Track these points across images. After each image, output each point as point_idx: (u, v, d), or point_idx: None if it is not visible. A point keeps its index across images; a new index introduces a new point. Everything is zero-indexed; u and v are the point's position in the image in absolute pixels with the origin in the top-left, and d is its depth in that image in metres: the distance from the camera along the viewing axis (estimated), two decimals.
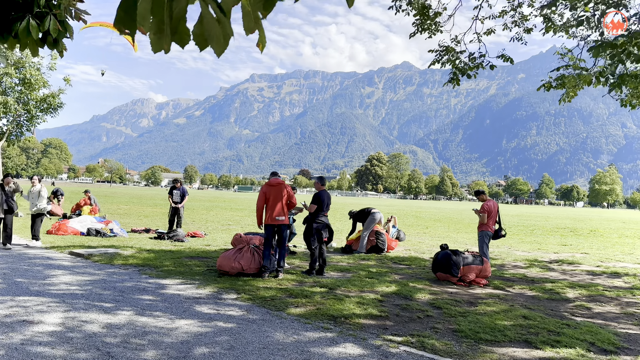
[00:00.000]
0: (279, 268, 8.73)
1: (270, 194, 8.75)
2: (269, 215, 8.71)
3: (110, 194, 53.97)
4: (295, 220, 10.80)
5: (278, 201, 8.68)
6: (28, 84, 24.31)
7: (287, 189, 8.80)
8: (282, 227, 8.79)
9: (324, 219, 9.18)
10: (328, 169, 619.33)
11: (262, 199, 8.85)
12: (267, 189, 8.80)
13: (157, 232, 14.67)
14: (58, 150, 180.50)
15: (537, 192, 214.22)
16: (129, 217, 21.50)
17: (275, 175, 9.23)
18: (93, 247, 11.44)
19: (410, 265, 10.78)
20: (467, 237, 18.87)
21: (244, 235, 12.04)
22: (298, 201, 9.05)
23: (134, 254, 10.63)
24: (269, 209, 8.75)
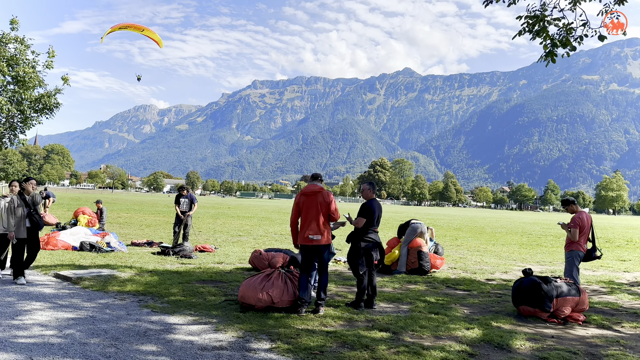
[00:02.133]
0: (319, 301, 6.81)
1: (304, 205, 6.91)
2: (303, 233, 6.89)
3: (112, 201, 52.15)
4: (334, 236, 9.11)
5: (314, 215, 6.82)
6: (22, 83, 22.46)
7: (327, 198, 6.93)
8: (321, 248, 6.90)
9: (375, 236, 7.27)
10: (330, 175, 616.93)
11: (295, 212, 7.08)
12: (301, 198, 6.99)
13: (160, 245, 12.77)
14: (60, 157, 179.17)
15: (542, 199, 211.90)
16: (129, 227, 19.64)
17: (314, 180, 7.23)
18: (84, 266, 9.55)
19: (469, 291, 8.87)
20: (509, 251, 16.95)
21: (264, 253, 10.15)
22: (341, 211, 7.15)
23: (133, 276, 8.73)
24: (303, 224, 6.91)
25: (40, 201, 8.58)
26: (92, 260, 10.46)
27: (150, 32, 15.91)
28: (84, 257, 11.01)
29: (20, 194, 8.27)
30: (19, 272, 8.01)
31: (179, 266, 10.34)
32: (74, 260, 10.41)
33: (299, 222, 7.01)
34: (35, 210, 8.36)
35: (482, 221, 42.87)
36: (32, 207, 8.28)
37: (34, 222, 8.28)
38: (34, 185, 8.49)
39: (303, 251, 6.94)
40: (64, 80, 24.12)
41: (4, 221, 7.95)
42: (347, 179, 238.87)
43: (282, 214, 38.22)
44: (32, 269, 9.13)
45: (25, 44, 22.96)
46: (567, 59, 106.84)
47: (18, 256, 8.04)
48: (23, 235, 8.08)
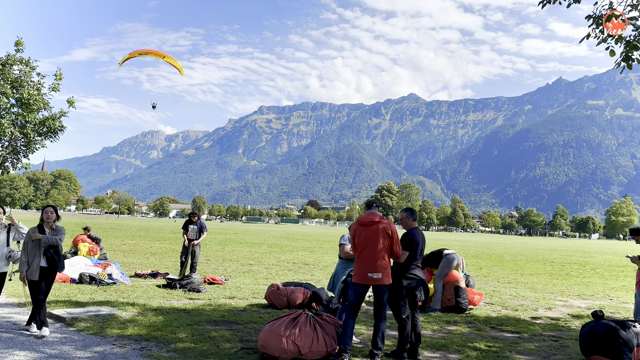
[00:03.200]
0: (375, 350, 5.82)
1: (361, 237, 5.96)
2: (358, 270, 5.93)
3: (117, 227, 51.25)
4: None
5: (374, 248, 5.84)
6: (26, 105, 21.80)
7: (389, 229, 5.94)
8: (381, 289, 5.92)
9: (418, 273, 6.25)
10: (336, 199, 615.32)
11: (352, 242, 6.18)
12: (357, 229, 6.05)
13: (166, 278, 11.71)
14: (67, 182, 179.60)
15: (552, 224, 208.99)
16: (133, 256, 18.61)
17: (370, 209, 6.29)
18: (82, 303, 8.52)
19: (518, 333, 7.75)
20: (541, 282, 15.74)
21: (282, 287, 9.08)
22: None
23: (135, 316, 7.69)
24: (359, 259, 5.96)
25: (61, 238, 6.80)
26: (91, 295, 9.42)
27: (172, 60, 15.58)
28: (83, 291, 9.98)
29: (40, 226, 6.77)
30: (30, 318, 6.81)
31: (186, 302, 9.28)
32: (70, 295, 9.37)
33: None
34: (54, 247, 6.74)
35: (497, 247, 41.50)
36: (50, 242, 6.66)
37: (50, 261, 6.71)
38: (49, 215, 6.80)
39: (356, 290, 5.92)
40: (70, 103, 23.44)
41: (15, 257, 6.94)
42: (354, 204, 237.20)
43: (291, 240, 37.10)
44: (22, 305, 8.12)
45: (31, 65, 22.40)
46: (572, 83, 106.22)
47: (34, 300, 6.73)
48: (34, 277, 6.56)
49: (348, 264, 6.79)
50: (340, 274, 6.87)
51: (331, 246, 30.66)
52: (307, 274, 15.03)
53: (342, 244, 6.96)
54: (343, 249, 6.93)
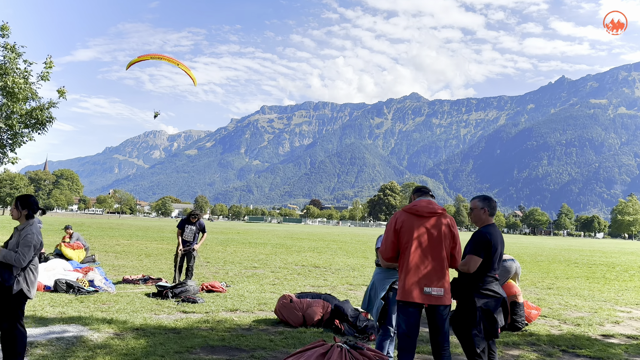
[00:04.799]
0: None
1: (413, 233, 4.18)
2: (409, 283, 4.12)
3: (116, 226, 49.62)
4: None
5: (434, 253, 4.15)
6: (10, 94, 20.10)
7: (454, 228, 4.31)
8: (441, 311, 4.17)
9: (497, 289, 4.48)
10: (338, 199, 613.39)
11: (391, 242, 4.29)
12: (408, 222, 4.23)
13: (157, 285, 10.00)
14: (69, 182, 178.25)
15: (556, 223, 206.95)
16: (125, 257, 16.92)
17: (423, 195, 4.50)
18: (46, 320, 6.82)
19: (600, 359, 6.04)
20: (582, 287, 14.01)
21: (296, 300, 7.36)
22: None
23: (109, 339, 5.99)
24: (411, 268, 4.14)
25: (22, 253, 4.70)
26: (63, 308, 7.72)
27: (186, 68, 14.35)
28: (55, 302, 8.29)
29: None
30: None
31: (178, 317, 7.59)
32: (37, 308, 7.68)
33: (400, 262, 4.33)
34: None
35: (510, 247, 39.71)
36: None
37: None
38: (12, 211, 5.05)
39: (408, 314, 4.15)
40: (60, 94, 21.74)
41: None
42: (357, 203, 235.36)
43: (296, 239, 35.40)
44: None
45: (17, 52, 20.72)
46: (574, 82, 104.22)
47: None
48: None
49: (389, 274, 5.06)
50: (379, 287, 5.11)
51: (339, 246, 28.96)
52: (319, 278, 13.33)
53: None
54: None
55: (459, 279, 4.45)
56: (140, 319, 7.24)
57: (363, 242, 35.76)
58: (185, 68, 14.77)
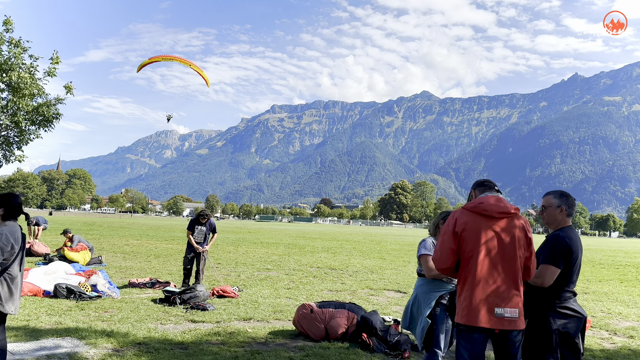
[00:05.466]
0: None
1: (479, 239, 3.36)
2: (476, 302, 3.30)
3: (127, 225, 49.23)
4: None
5: (505, 263, 3.34)
6: (16, 90, 19.54)
7: (529, 231, 3.47)
8: (513, 337, 3.33)
9: (577, 307, 3.70)
10: (348, 198, 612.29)
11: (450, 249, 3.43)
12: (472, 222, 3.41)
13: (165, 290, 9.28)
14: (82, 181, 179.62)
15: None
16: (134, 259, 16.27)
17: (487, 189, 3.72)
18: (40, 332, 6.13)
19: None
20: (619, 292, 13.07)
21: (317, 310, 6.58)
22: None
23: (107, 356, 5.26)
24: (476, 282, 3.32)
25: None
26: (60, 317, 7.02)
27: (198, 69, 13.87)
28: (53, 309, 7.60)
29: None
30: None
31: (186, 327, 6.85)
32: (32, 317, 6.99)
33: (460, 273, 3.48)
34: None
35: None
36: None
37: None
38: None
39: (472, 341, 3.29)
40: (67, 89, 21.19)
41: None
42: (368, 202, 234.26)
43: (308, 239, 34.65)
44: None
45: (22, 46, 20.17)
46: (588, 80, 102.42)
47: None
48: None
49: (435, 286, 4.24)
50: (424, 302, 4.28)
51: (353, 246, 28.15)
52: (337, 281, 12.54)
53: (426, 254, 4.32)
54: (429, 262, 4.26)
55: (528, 295, 3.61)
56: (144, 330, 6.51)
57: (377, 242, 34.90)
58: (198, 69, 14.33)
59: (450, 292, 4.23)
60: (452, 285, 4.21)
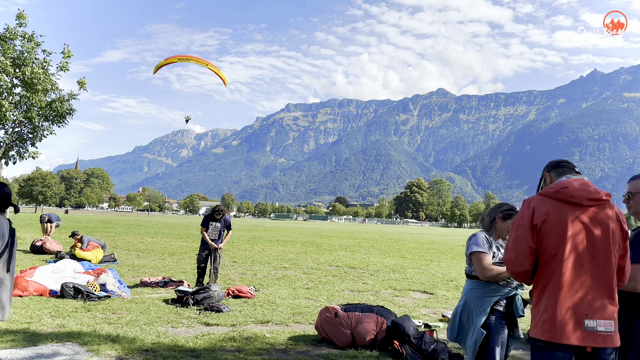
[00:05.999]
0: None
1: (565, 232, 2.70)
2: (557, 311, 2.64)
3: (143, 223, 49.16)
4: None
5: (595, 263, 2.69)
6: (29, 85, 19.26)
7: (624, 222, 2.82)
8: (606, 356, 2.64)
9: None
10: (363, 196, 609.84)
11: (528, 247, 2.75)
12: (556, 212, 2.74)
13: (177, 290, 8.75)
14: (100, 180, 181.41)
15: None
16: (148, 256, 15.84)
17: (567, 170, 3.06)
18: (40, 336, 5.62)
19: None
20: None
21: (342, 313, 5.96)
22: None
23: None
24: (559, 286, 2.66)
25: None
26: (63, 320, 6.51)
27: (215, 68, 13.41)
28: (58, 310, 7.10)
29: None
30: None
31: (199, 332, 6.29)
32: (33, 318, 6.50)
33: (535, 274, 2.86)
34: None
35: None
36: None
37: None
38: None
39: (554, 358, 2.65)
40: (80, 85, 20.88)
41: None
42: (383, 200, 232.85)
43: (324, 237, 34.05)
44: None
45: (35, 41, 19.87)
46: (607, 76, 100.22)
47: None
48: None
49: (490, 291, 3.54)
50: (476, 310, 3.58)
51: (371, 245, 27.47)
52: (358, 281, 11.91)
53: (479, 251, 3.57)
54: (482, 261, 3.53)
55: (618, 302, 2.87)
56: (153, 334, 5.96)
57: (395, 240, 34.16)
58: (215, 68, 13.89)
59: (507, 297, 3.58)
60: (509, 288, 3.55)
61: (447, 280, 12.72)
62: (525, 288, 3.52)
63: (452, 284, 12.04)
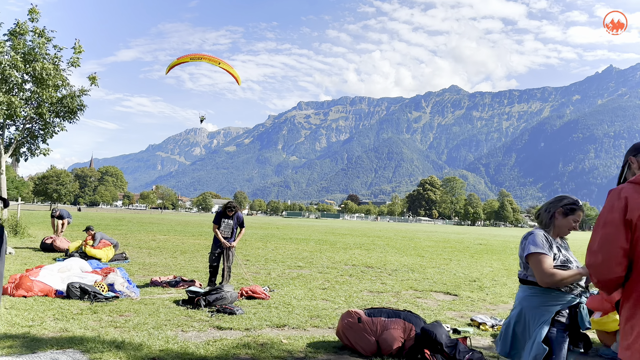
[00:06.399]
0: None
1: None
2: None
3: (156, 221, 49.09)
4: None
5: None
6: (40, 81, 19.02)
7: None
8: None
9: None
10: (375, 194, 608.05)
11: (620, 248, 2.16)
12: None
13: (189, 291, 8.32)
14: (114, 178, 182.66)
15: None
16: (159, 255, 15.49)
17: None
18: (39, 341, 5.20)
19: None
20: None
21: (366, 318, 5.47)
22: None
23: None
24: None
25: None
26: (67, 324, 6.10)
27: (228, 66, 13.00)
28: (62, 313, 6.71)
29: None
30: None
31: (211, 337, 5.85)
32: (35, 321, 6.10)
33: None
34: None
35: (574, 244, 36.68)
36: None
37: None
38: None
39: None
40: (92, 80, 20.59)
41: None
42: (396, 198, 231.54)
43: (338, 235, 33.57)
44: None
45: (46, 36, 19.63)
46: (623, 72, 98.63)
47: None
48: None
49: (550, 298, 3.10)
50: (534, 321, 3.11)
51: (386, 243, 26.92)
52: (376, 281, 11.41)
53: (538, 253, 3.09)
54: (543, 264, 3.05)
55: None
56: (161, 340, 5.53)
57: (409, 239, 33.56)
58: (227, 67, 13.51)
59: (570, 306, 3.15)
60: (573, 295, 3.14)
61: (469, 280, 12.16)
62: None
63: (476, 284, 11.48)
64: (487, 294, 10.11)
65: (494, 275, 13.39)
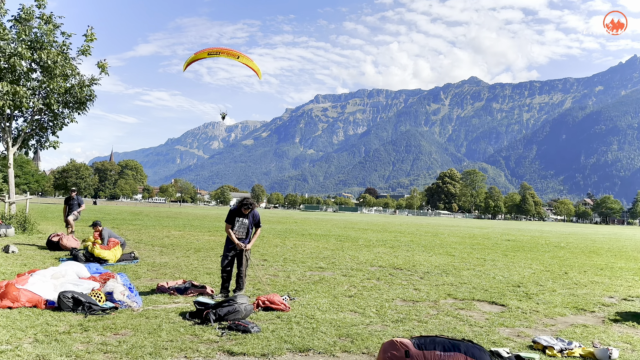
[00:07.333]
0: None
1: None
2: None
3: (173, 215, 48.47)
4: None
5: None
6: (47, 70, 18.12)
7: None
8: None
9: None
10: (393, 187, 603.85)
11: None
12: None
13: (197, 302, 7.23)
14: (134, 172, 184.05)
15: (631, 211, 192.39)
16: (171, 253, 14.49)
17: None
18: None
19: None
20: None
21: (415, 350, 4.27)
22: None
23: None
24: None
25: None
26: (46, 347, 5.04)
27: (248, 60, 11.96)
28: (47, 330, 5.67)
29: None
30: None
31: None
32: (11, 343, 5.05)
33: None
34: None
35: (600, 240, 34.87)
36: None
37: None
38: None
39: None
40: (101, 68, 19.63)
41: None
42: (415, 191, 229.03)
43: (358, 230, 32.38)
44: None
45: (54, 23, 18.71)
46: None
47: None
48: None
49: None
50: None
51: (410, 239, 25.61)
52: (408, 287, 10.19)
53: None
54: None
55: None
56: None
57: (433, 234, 32.19)
58: (247, 61, 12.50)
59: None
60: None
61: (512, 285, 10.87)
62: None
63: (521, 290, 10.18)
64: (538, 304, 8.83)
65: (537, 279, 12.06)
